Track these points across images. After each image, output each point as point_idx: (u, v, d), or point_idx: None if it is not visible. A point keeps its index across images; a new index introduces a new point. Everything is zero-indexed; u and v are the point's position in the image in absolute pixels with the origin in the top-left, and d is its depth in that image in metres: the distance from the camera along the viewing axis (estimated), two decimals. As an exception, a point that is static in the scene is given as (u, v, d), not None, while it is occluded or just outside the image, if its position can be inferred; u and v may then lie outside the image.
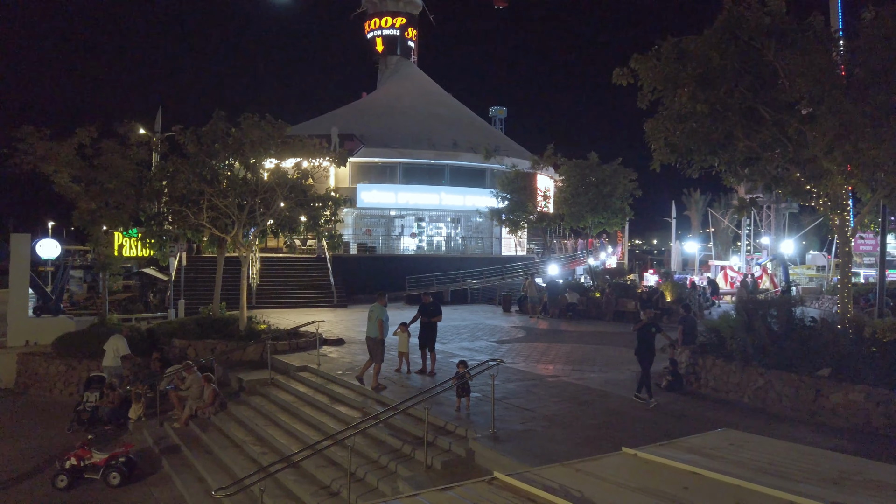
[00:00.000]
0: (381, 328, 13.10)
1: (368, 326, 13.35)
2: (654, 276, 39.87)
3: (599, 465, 4.84)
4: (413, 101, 47.76)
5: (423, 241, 41.84)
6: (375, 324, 13.15)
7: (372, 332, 13.21)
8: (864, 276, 34.69)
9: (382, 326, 13.12)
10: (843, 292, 13.31)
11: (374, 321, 13.20)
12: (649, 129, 13.83)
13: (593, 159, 30.48)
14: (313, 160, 19.79)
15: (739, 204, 16.03)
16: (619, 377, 14.39)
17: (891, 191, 13.06)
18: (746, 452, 5.00)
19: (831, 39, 12.74)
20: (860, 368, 10.65)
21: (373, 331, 13.19)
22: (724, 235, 57.28)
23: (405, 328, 14.54)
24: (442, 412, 10.96)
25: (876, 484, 4.41)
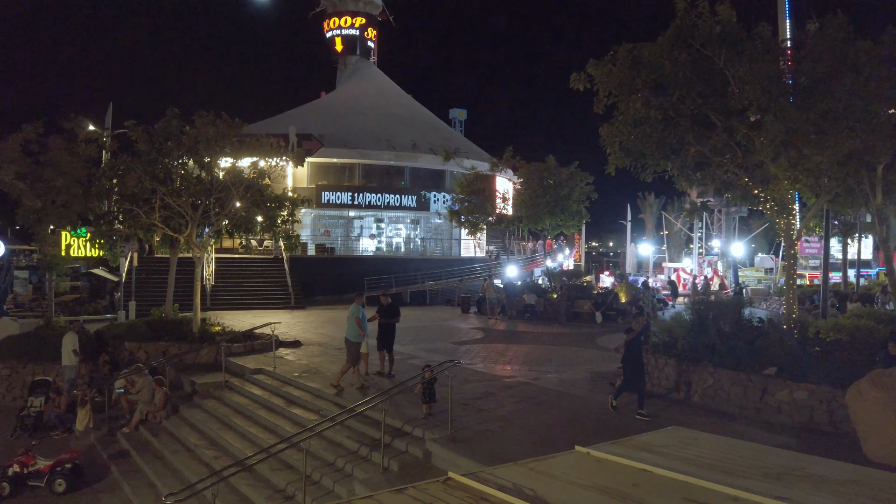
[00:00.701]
0: (360, 325, 13.15)
1: (347, 327, 13.34)
2: (610, 277, 40.64)
3: (553, 463, 4.90)
4: (372, 102, 47.54)
5: (382, 242, 41.68)
6: (353, 323, 13.15)
7: (350, 334, 13.22)
8: (809, 277, 35.94)
9: (360, 324, 13.16)
10: (789, 294, 13.77)
11: (350, 320, 13.21)
12: (605, 134, 14.07)
13: (551, 162, 30.79)
14: (270, 159, 19.51)
15: (691, 207, 16.45)
16: (576, 377, 14.59)
17: (834, 196, 13.60)
18: (694, 450, 5.12)
19: (779, 49, 13.17)
20: (804, 367, 11.02)
21: (351, 333, 13.20)
22: (677, 238, 58.62)
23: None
24: (399, 414, 10.95)
25: (816, 478, 4.58)
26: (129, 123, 18.43)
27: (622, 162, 14.26)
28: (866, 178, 12.10)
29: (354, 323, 13.13)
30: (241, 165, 19.34)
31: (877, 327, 12.67)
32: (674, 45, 12.33)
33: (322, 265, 35.03)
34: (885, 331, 12.60)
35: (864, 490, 4.39)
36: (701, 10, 12.30)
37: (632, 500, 4.06)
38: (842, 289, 26.01)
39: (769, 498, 4.03)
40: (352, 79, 52.76)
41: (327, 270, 34.56)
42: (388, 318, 14.42)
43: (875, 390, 5.61)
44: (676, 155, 13.97)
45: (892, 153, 11.32)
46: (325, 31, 55.73)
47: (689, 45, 12.48)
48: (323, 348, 18.19)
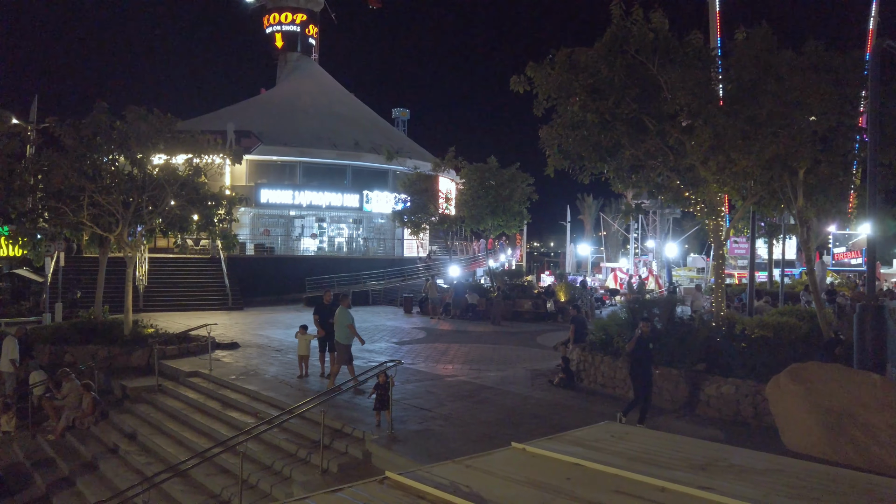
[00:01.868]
0: (354, 331, 13.00)
1: (337, 330, 13.09)
2: (550, 277, 41.33)
3: (489, 460, 4.96)
4: (314, 100, 46.90)
5: (323, 241, 41.16)
6: (343, 328, 12.98)
7: (340, 337, 13.06)
8: (738, 276, 37.49)
9: (354, 330, 13.01)
10: (717, 292, 14.34)
11: (340, 326, 13.04)
12: (544, 136, 14.33)
13: (493, 163, 31.11)
14: (207, 157, 19.00)
15: (626, 209, 16.92)
16: (516, 375, 14.79)
17: (759, 198, 14.22)
18: (626, 443, 5.27)
19: (709, 57, 13.70)
20: (731, 363, 11.51)
21: (341, 336, 13.05)
22: (614, 239, 60.17)
23: (304, 331, 14.32)
24: (339, 415, 10.85)
25: (738, 468, 4.78)
26: (49, 120, 17.60)
27: (561, 164, 14.55)
28: (789, 182, 12.72)
29: (346, 329, 12.95)
30: (175, 162, 18.75)
31: (798, 324, 13.35)
32: (610, 51, 12.66)
33: (261, 265, 34.34)
34: (806, 327, 13.30)
35: (782, 478, 4.61)
36: (635, 18, 12.66)
37: (564, 494, 4.15)
38: (768, 288, 27.25)
39: (694, 488, 4.19)
40: (293, 76, 51.91)
41: (267, 270, 33.91)
42: (330, 318, 14.27)
43: (792, 384, 5.92)
44: (612, 157, 14.35)
45: (812, 158, 11.94)
46: (264, 27, 54.63)
47: (625, 51, 12.83)
48: (261, 350, 17.84)
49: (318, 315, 14.36)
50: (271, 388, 13.15)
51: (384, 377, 10.29)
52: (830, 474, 4.79)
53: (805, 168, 12.21)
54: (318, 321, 14.23)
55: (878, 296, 23.33)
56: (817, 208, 14.01)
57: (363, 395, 12.09)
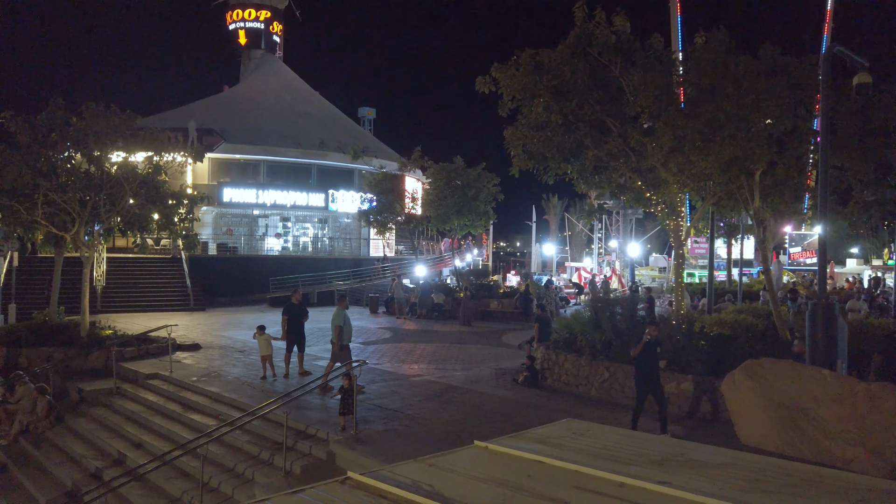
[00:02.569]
0: (339, 334, 12.99)
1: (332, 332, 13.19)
2: (516, 276, 41.60)
3: (452, 458, 4.98)
4: (278, 98, 46.38)
5: (288, 241, 40.72)
6: (334, 330, 13.04)
7: (334, 336, 13.09)
8: (698, 276, 38.26)
9: (339, 332, 13.00)
10: (678, 291, 14.62)
11: (333, 327, 13.09)
12: (509, 137, 14.42)
13: (459, 163, 31.18)
14: (168, 155, 18.62)
15: (589, 209, 17.13)
16: (481, 374, 14.87)
17: (718, 199, 14.54)
18: (586, 440, 5.34)
19: (669, 60, 13.96)
20: (691, 360, 11.75)
21: (334, 335, 13.07)
22: (578, 238, 60.85)
23: (262, 331, 14.16)
24: (303, 416, 10.77)
25: (695, 463, 4.89)
26: (3, 115, 17.05)
27: (525, 164, 14.66)
28: (746, 183, 13.02)
29: (335, 331, 13.02)
30: (135, 160, 18.34)
31: (755, 322, 13.67)
32: (573, 53, 12.81)
33: (224, 265, 33.81)
34: (762, 325, 13.62)
35: (737, 472, 4.73)
36: (598, 21, 12.83)
37: (525, 491, 4.19)
38: (727, 287, 27.90)
39: (652, 483, 4.27)
40: (257, 73, 51.23)
41: (230, 271, 33.40)
42: (299, 317, 14.29)
43: (747, 380, 6.08)
44: (576, 158, 14.51)
45: (768, 160, 12.26)
46: (227, 23, 53.80)
47: (588, 53, 13.00)
48: (224, 351, 17.58)
49: (286, 315, 14.26)
50: (234, 389, 12.97)
51: (348, 381, 10.16)
52: (783, 467, 4.93)
53: (761, 170, 12.52)
54: (287, 321, 14.11)
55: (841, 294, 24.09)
56: (773, 209, 14.39)
57: (328, 396, 12.02)
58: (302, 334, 14.47)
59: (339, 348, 13.03)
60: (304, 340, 14.60)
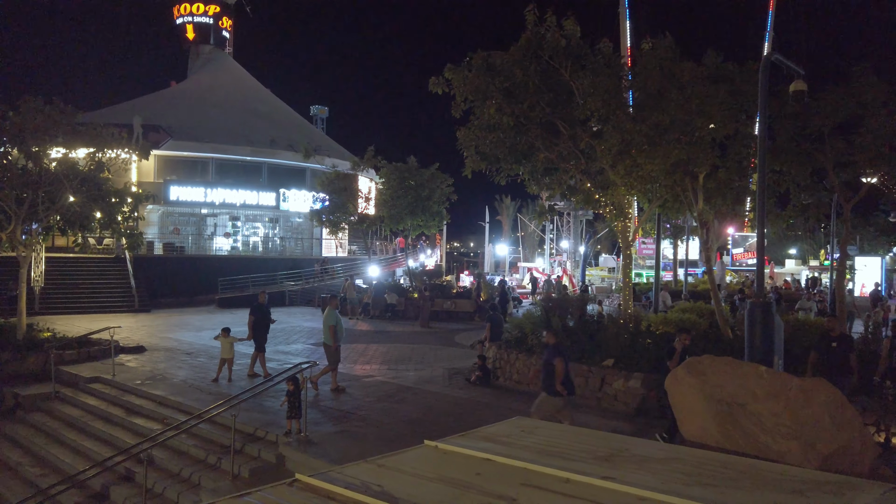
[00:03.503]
0: (333, 334, 12.91)
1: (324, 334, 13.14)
2: (469, 277, 41.82)
3: (402, 458, 4.98)
4: (228, 94, 45.44)
5: (238, 241, 39.93)
6: (327, 330, 12.91)
7: (325, 338, 13.05)
8: (645, 276, 39.22)
9: (334, 332, 12.91)
10: (625, 291, 14.96)
11: (325, 328, 13.01)
12: (462, 138, 14.51)
13: (412, 163, 31.15)
14: (111, 151, 18.03)
15: (540, 210, 17.37)
16: (433, 374, 14.89)
17: (664, 201, 14.94)
18: (534, 437, 5.41)
19: (618, 64, 14.27)
20: (637, 358, 12.03)
21: (326, 336, 13.02)
22: (531, 239, 61.56)
23: (227, 333, 13.86)
24: (252, 418, 10.59)
25: (639, 458, 5.01)
26: None
27: (478, 165, 14.77)
28: (690, 186, 13.42)
29: (329, 331, 12.94)
30: (76, 156, 17.69)
31: (699, 320, 14.12)
32: (524, 56, 12.97)
33: (171, 265, 32.95)
34: (705, 323, 14.08)
35: (679, 466, 4.87)
36: (549, 25, 13.02)
37: (474, 489, 4.22)
38: (673, 286, 28.68)
39: (596, 478, 4.36)
40: (205, 69, 50.09)
41: (177, 271, 32.56)
42: (266, 317, 14.29)
43: (689, 377, 6.28)
44: (527, 160, 14.70)
45: (711, 164, 12.66)
46: (175, 17, 52.41)
47: (539, 56, 13.18)
48: (170, 353, 17.14)
49: (253, 316, 14.07)
50: (180, 392, 12.66)
51: (293, 385, 9.98)
52: (722, 461, 5.10)
53: (705, 173, 12.92)
54: (253, 322, 13.97)
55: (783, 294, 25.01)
56: (716, 211, 14.87)
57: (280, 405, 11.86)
58: (264, 335, 14.41)
59: (332, 350, 13.05)
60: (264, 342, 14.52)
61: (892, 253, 52.71)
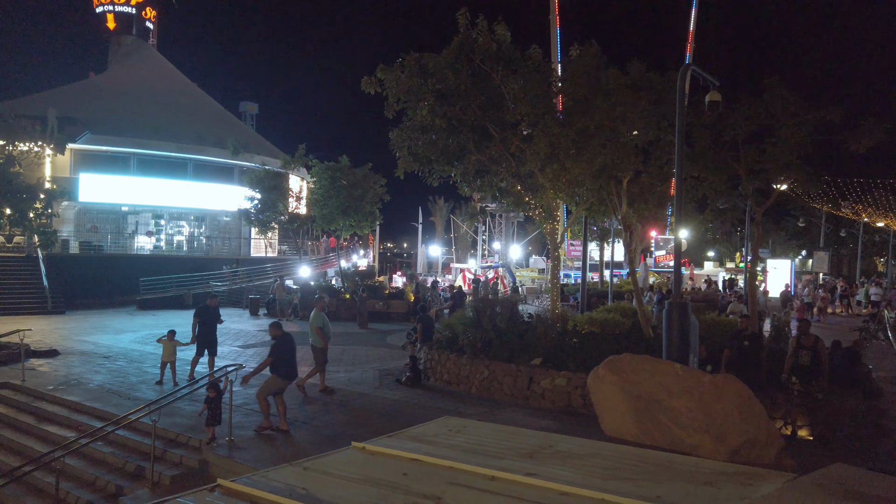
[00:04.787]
0: (321, 335, 12.93)
1: (310, 334, 13.16)
2: (402, 277, 41.77)
3: (328, 461, 4.96)
4: (152, 88, 43.70)
5: (161, 240, 38.47)
6: (314, 332, 12.83)
7: (314, 339, 13.03)
8: (574, 277, 40.20)
9: (321, 334, 12.94)
10: (553, 291, 15.31)
11: (312, 329, 13.00)
12: (394, 138, 14.49)
13: (344, 162, 30.83)
14: (22, 144, 17.07)
15: (471, 212, 17.59)
16: (364, 375, 14.81)
17: (590, 204, 15.38)
18: (461, 437, 5.49)
19: (548, 70, 14.59)
20: (564, 357, 12.34)
21: (314, 339, 13.00)
22: (463, 240, 62.03)
23: (172, 336, 13.34)
24: (174, 423, 10.26)
25: (562, 454, 5.17)
26: None
27: (411, 166, 14.78)
28: (615, 190, 13.88)
29: (316, 333, 12.95)
30: (-18, 149, 16.67)
31: (623, 320, 14.58)
32: (457, 59, 13.08)
33: (88, 265, 31.38)
34: (629, 323, 14.56)
35: (599, 461, 5.05)
36: (481, 29, 13.18)
37: (400, 489, 4.25)
38: (599, 287, 29.53)
39: (521, 475, 4.47)
40: (127, 61, 47.99)
41: (94, 270, 31.04)
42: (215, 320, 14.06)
43: (609, 374, 6.51)
44: (460, 162, 14.83)
45: (634, 169, 13.14)
46: (94, 5, 50.03)
47: (471, 59, 13.32)
48: (86, 357, 16.34)
49: (199, 317, 13.61)
50: (97, 398, 12.11)
51: (215, 392, 9.70)
52: (640, 455, 5.33)
53: (628, 178, 13.39)
54: (199, 324, 13.64)
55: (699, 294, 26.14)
56: (639, 215, 15.41)
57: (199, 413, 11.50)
58: (214, 339, 14.13)
59: (319, 352, 13.04)
60: (216, 346, 14.27)
61: (801, 255, 56.10)
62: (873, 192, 41.44)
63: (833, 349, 11.87)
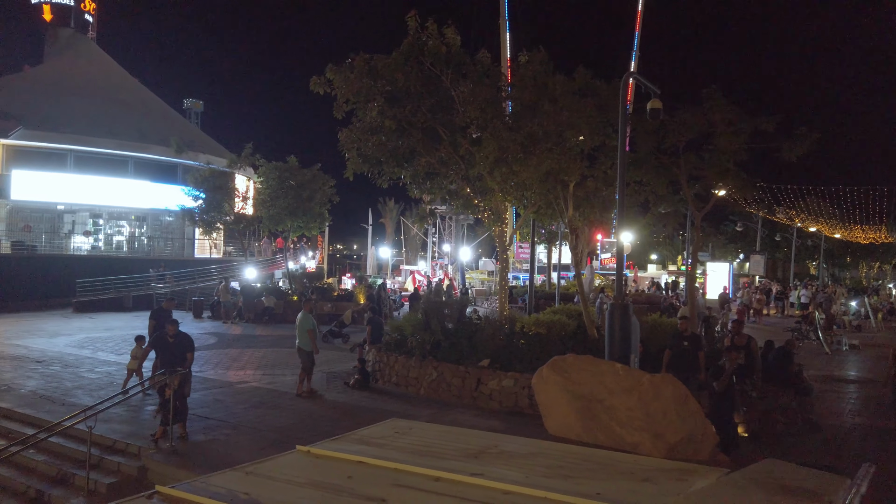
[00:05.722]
0: (312, 338, 12.89)
1: (299, 336, 13.04)
2: (351, 279, 41.47)
3: (272, 465, 4.89)
4: (91, 82, 42.13)
5: (100, 240, 37.12)
6: (304, 334, 12.61)
7: (303, 343, 12.91)
8: (522, 279, 40.72)
9: (313, 336, 12.91)
10: (502, 293, 15.48)
11: (302, 331, 12.91)
12: (343, 139, 14.40)
13: (293, 163, 30.45)
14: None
15: (420, 213, 17.58)
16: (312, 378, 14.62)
17: (538, 208, 15.61)
18: (408, 438, 5.50)
19: (497, 75, 14.75)
20: (511, 358, 12.48)
21: (303, 342, 12.89)
22: (413, 242, 62.00)
23: (142, 342, 12.77)
24: (112, 429, 9.93)
25: (506, 454, 5.24)
26: None
27: (360, 167, 14.71)
28: (561, 194, 14.13)
29: (307, 335, 12.87)
30: None
31: (568, 322, 14.86)
32: (406, 61, 13.09)
33: (20, 266, 30.04)
34: (574, 324, 14.85)
35: (543, 460, 5.13)
36: (430, 32, 13.23)
37: (345, 493, 4.23)
38: (546, 289, 29.98)
39: (466, 475, 4.51)
40: (65, 54, 46.12)
41: (26, 272, 29.74)
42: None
43: (553, 374, 6.64)
44: (409, 164, 14.84)
45: (580, 173, 13.41)
46: (29, -5, 47.93)
47: (421, 62, 13.36)
48: (18, 362, 15.65)
49: (155, 320, 13.11)
50: (29, 404, 11.60)
51: (171, 391, 9.49)
52: (582, 454, 5.44)
53: (575, 182, 13.65)
54: (155, 327, 13.08)
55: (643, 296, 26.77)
56: (585, 218, 15.73)
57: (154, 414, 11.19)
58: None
59: (308, 355, 12.91)
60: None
61: (739, 259, 58.23)
62: (805, 199, 43.45)
63: (766, 349, 12.38)
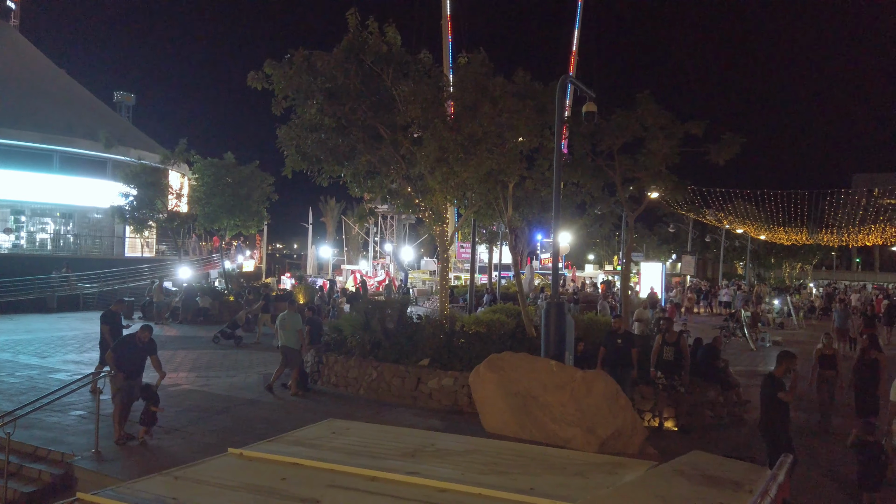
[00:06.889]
0: (302, 337, 12.99)
1: (284, 335, 13.01)
2: (291, 279, 40.80)
3: (202, 469, 4.79)
4: (12, 72, 39.95)
5: (21, 238, 35.28)
6: (293, 333, 12.89)
7: (290, 342, 12.91)
8: (464, 278, 40.97)
9: (302, 335, 13.01)
10: (442, 293, 15.54)
11: (290, 331, 12.92)
12: (282, 136, 14.15)
13: (229, 159, 29.72)
14: None
15: (360, 213, 17.46)
16: (246, 380, 14.36)
17: (478, 208, 15.75)
18: (345, 438, 5.47)
19: (439, 75, 14.79)
20: (451, 357, 12.55)
21: (291, 340, 12.90)
22: (355, 242, 61.56)
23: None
24: (34, 436, 9.48)
25: (442, 452, 5.28)
26: None
27: (299, 165, 14.49)
28: (501, 194, 14.31)
29: (296, 335, 12.96)
30: None
31: (507, 321, 15.07)
32: (347, 58, 12.98)
33: (-69, 265, 28.26)
34: (513, 323, 15.06)
35: (478, 457, 5.19)
36: (371, 30, 13.15)
37: (278, 495, 4.18)
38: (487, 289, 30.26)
39: (402, 474, 4.52)
40: (-16, 41, 43.66)
41: (-60, 271, 28.02)
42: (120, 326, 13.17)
43: (490, 372, 6.72)
44: (349, 162, 14.70)
45: (519, 174, 13.61)
46: (-56, -23, 45.13)
47: (362, 60, 13.26)
48: (-71, 367, 14.72)
49: (108, 324, 12.45)
50: (-60, 412, 10.93)
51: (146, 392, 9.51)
52: (517, 450, 5.54)
53: (514, 182, 13.86)
54: (110, 331, 12.36)
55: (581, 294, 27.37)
56: (524, 218, 15.98)
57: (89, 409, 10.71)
58: None
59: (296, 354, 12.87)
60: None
61: (671, 259, 60.27)
62: (733, 201, 45.35)
63: (695, 346, 12.87)
